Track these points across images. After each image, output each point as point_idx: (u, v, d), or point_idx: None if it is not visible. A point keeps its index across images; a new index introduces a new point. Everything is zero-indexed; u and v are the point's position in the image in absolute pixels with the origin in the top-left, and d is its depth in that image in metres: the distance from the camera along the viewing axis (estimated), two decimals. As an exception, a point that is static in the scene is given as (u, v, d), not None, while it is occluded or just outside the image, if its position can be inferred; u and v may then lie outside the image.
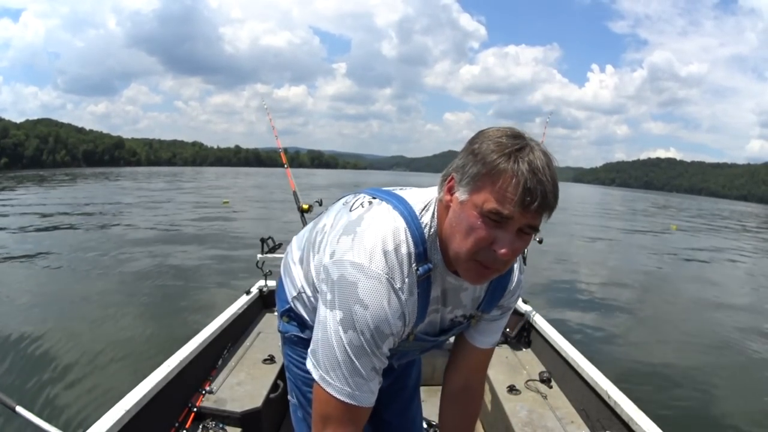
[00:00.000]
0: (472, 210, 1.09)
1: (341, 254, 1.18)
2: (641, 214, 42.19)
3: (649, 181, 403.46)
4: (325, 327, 1.17)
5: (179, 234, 15.54)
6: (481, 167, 1.06)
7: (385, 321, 1.15)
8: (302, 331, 1.53)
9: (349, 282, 1.14)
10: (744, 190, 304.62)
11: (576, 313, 8.60)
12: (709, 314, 9.37)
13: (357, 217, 1.26)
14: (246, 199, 33.77)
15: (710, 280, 13.43)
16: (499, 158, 1.05)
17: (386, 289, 1.15)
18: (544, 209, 1.07)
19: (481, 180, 1.07)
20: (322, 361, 1.17)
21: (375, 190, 1.40)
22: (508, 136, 1.08)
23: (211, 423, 2.83)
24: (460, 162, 1.13)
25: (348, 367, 1.16)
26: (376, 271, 1.14)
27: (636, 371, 5.90)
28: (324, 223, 1.43)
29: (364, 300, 1.13)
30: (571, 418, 2.87)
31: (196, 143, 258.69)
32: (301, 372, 1.53)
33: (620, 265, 14.57)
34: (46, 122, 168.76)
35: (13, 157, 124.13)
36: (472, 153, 1.10)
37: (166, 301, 8.15)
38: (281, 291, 1.61)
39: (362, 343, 1.15)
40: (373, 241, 1.17)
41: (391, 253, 1.17)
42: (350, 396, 1.17)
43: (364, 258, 1.15)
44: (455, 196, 1.13)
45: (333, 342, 1.15)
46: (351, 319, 1.14)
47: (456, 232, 1.14)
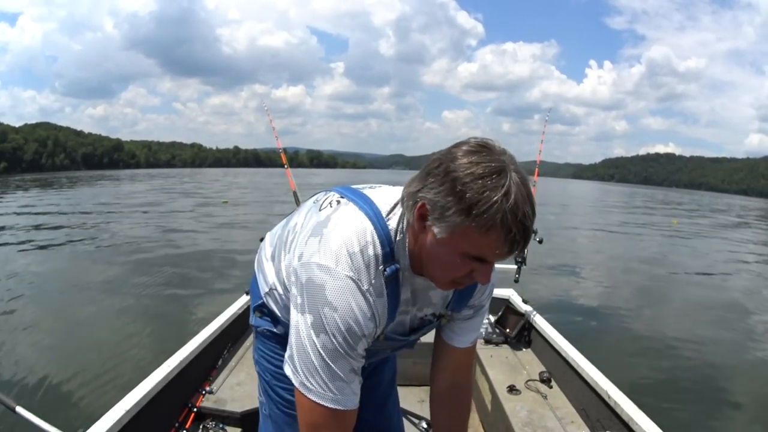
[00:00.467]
0: (452, 250, 1.08)
1: (308, 256, 1.18)
2: (640, 211, 42.04)
3: (649, 176, 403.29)
4: (298, 332, 1.17)
5: (179, 234, 15.58)
6: (466, 218, 1.01)
7: (356, 322, 1.15)
8: (275, 326, 1.51)
9: (317, 285, 1.14)
10: (743, 184, 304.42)
11: (576, 313, 8.60)
12: (711, 313, 9.35)
13: (324, 218, 1.26)
14: (245, 198, 33.81)
15: (712, 278, 13.42)
16: (486, 211, 0.99)
17: (353, 290, 1.14)
18: (526, 246, 1.07)
19: (466, 230, 1.03)
20: (300, 368, 1.17)
21: (344, 188, 1.39)
22: (487, 167, 1.01)
23: (211, 423, 2.84)
24: (434, 196, 1.05)
25: (326, 371, 1.15)
26: (342, 273, 1.14)
27: (636, 371, 5.90)
28: (295, 221, 1.42)
29: (333, 302, 1.13)
30: (571, 418, 2.88)
31: (195, 145, 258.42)
32: (272, 366, 1.52)
33: (620, 264, 14.56)
34: (44, 126, 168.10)
35: (13, 161, 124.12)
36: (452, 194, 1.02)
37: (166, 301, 8.18)
38: (254, 286, 1.60)
39: (336, 347, 1.14)
40: (339, 242, 1.17)
41: (357, 255, 1.16)
42: (333, 400, 1.17)
43: (331, 260, 1.15)
44: (431, 230, 1.09)
45: (307, 347, 1.15)
46: (321, 322, 1.13)
47: (431, 261, 1.15)
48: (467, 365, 1.63)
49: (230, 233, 16.02)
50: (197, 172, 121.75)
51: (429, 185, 1.07)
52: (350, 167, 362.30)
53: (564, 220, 25.69)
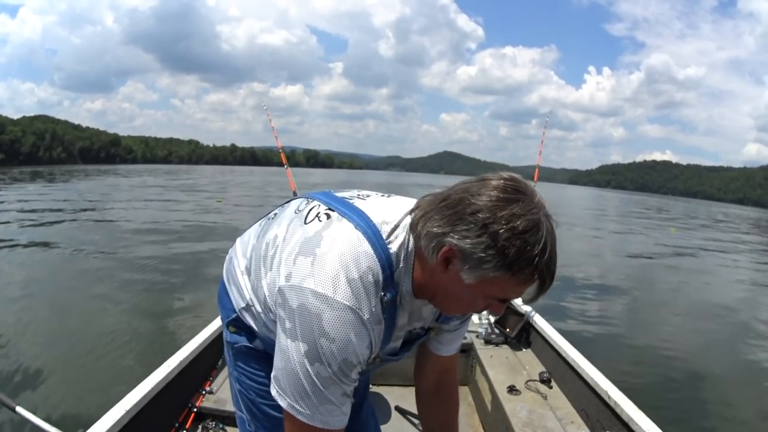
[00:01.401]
0: (477, 293, 1.08)
1: (300, 280, 1.10)
2: (638, 219, 42.10)
3: (645, 183, 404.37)
4: (287, 357, 1.10)
5: (178, 234, 15.50)
6: (505, 273, 1.01)
7: (353, 353, 1.09)
8: (251, 341, 1.45)
9: (312, 313, 1.06)
10: (740, 193, 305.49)
11: (576, 313, 8.63)
12: (710, 315, 9.41)
13: (314, 234, 1.16)
14: (244, 198, 33.73)
15: (710, 282, 13.53)
16: (526, 267, 1.00)
17: (353, 320, 1.07)
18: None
19: (500, 281, 1.03)
20: (289, 391, 1.12)
21: (330, 198, 1.30)
22: (527, 220, 0.99)
23: (211, 423, 2.85)
24: (469, 246, 1.01)
25: (317, 396, 1.10)
26: (341, 302, 1.06)
27: (636, 371, 5.92)
28: (275, 233, 1.29)
29: (330, 333, 1.06)
30: (571, 418, 2.88)
31: (192, 141, 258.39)
32: (255, 384, 1.45)
33: (620, 267, 14.64)
34: (42, 119, 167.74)
35: (10, 154, 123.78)
36: (492, 249, 0.99)
37: (167, 301, 8.13)
38: (225, 298, 1.51)
39: (330, 375, 1.09)
40: (337, 267, 1.09)
41: (357, 282, 1.08)
42: (323, 422, 1.13)
43: (328, 287, 1.07)
44: (458, 275, 1.06)
45: (299, 373, 1.09)
46: (316, 351, 1.07)
47: (449, 298, 1.15)
48: (452, 369, 1.63)
49: (230, 233, 15.96)
50: (194, 169, 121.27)
51: (461, 232, 1.02)
52: (347, 167, 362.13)
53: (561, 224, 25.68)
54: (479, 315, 4.17)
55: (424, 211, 1.11)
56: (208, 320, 3.49)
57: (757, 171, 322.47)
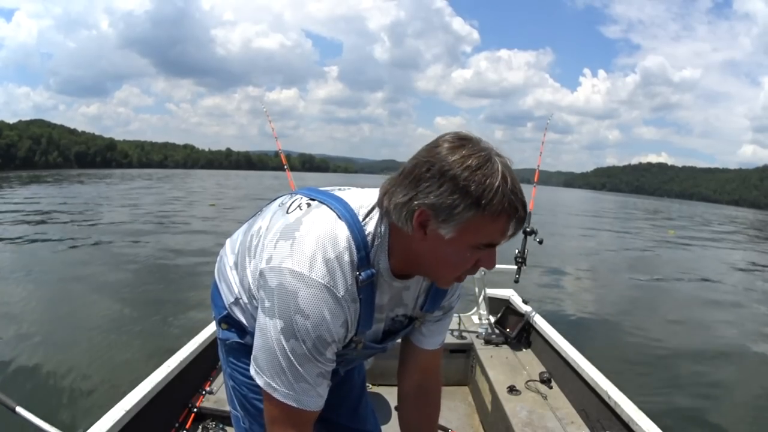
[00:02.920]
0: (462, 246, 1.10)
1: (279, 260, 1.15)
2: (636, 222, 42.22)
3: (640, 185, 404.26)
4: (265, 334, 1.16)
5: (178, 234, 15.59)
6: (477, 210, 1.03)
7: (327, 330, 1.14)
8: (242, 338, 1.47)
9: (289, 291, 1.11)
10: (735, 194, 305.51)
11: (576, 313, 8.65)
12: (710, 315, 9.44)
13: (295, 220, 1.21)
14: (243, 200, 33.73)
15: (710, 282, 13.54)
16: (494, 197, 1.03)
17: (328, 297, 1.12)
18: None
19: (476, 222, 1.05)
20: (266, 368, 1.17)
21: (312, 190, 1.35)
22: (478, 157, 1.04)
23: (211, 423, 2.85)
24: (435, 199, 1.05)
25: (293, 373, 1.15)
26: (316, 280, 1.11)
27: (636, 372, 5.93)
28: (259, 225, 1.37)
29: (305, 310, 1.11)
30: (572, 418, 2.89)
31: (187, 146, 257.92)
32: (247, 379, 1.44)
33: (620, 267, 14.71)
34: (38, 123, 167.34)
35: (6, 158, 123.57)
36: (456, 191, 1.03)
37: (167, 301, 8.14)
38: (217, 297, 1.54)
39: (305, 351, 1.14)
40: (314, 247, 1.13)
41: (333, 261, 1.13)
42: (296, 400, 1.17)
43: (305, 266, 1.12)
44: (437, 233, 1.09)
45: (275, 350, 1.14)
46: (292, 328, 1.12)
47: (438, 264, 1.16)
48: (435, 367, 1.64)
49: (229, 233, 15.92)
50: (189, 174, 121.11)
51: (424, 191, 1.06)
52: (342, 171, 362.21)
53: (558, 226, 25.69)
54: (479, 315, 4.20)
55: (386, 189, 1.15)
56: (207, 320, 3.49)
57: (753, 172, 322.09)
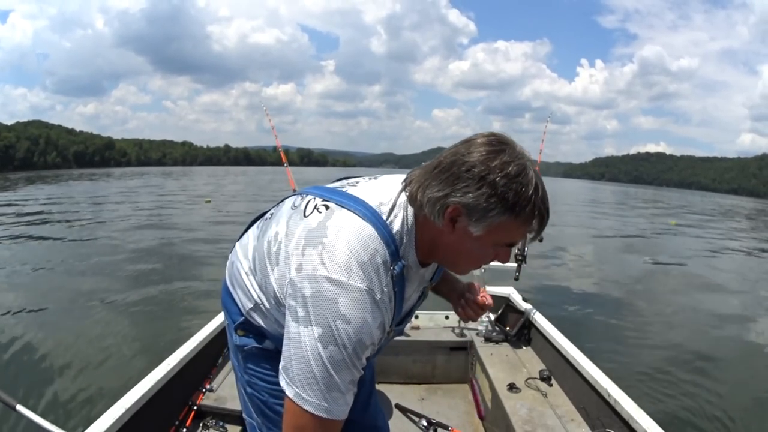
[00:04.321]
0: (486, 243, 1.19)
1: (312, 269, 1.14)
2: (636, 211, 42.16)
3: (639, 175, 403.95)
4: (299, 344, 1.14)
5: (178, 233, 15.52)
6: (510, 215, 1.11)
7: (368, 333, 1.14)
8: (261, 342, 1.46)
9: (328, 298, 1.11)
10: (734, 183, 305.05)
11: (576, 310, 8.64)
12: (710, 311, 9.37)
13: (318, 225, 1.21)
14: (242, 198, 33.70)
15: (710, 276, 13.45)
16: (527, 206, 1.11)
17: (367, 301, 1.13)
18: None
19: (506, 225, 1.13)
20: (298, 378, 1.14)
21: (321, 189, 1.36)
22: (516, 165, 1.10)
23: (211, 421, 2.86)
24: (472, 200, 1.11)
25: (326, 382, 1.13)
26: (355, 285, 1.12)
27: (636, 369, 5.92)
28: (275, 231, 1.33)
29: (346, 315, 1.11)
30: (571, 416, 2.90)
31: (185, 143, 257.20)
32: (268, 384, 1.47)
33: (619, 262, 14.61)
34: (36, 124, 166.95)
35: (5, 160, 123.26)
36: (494, 196, 1.09)
37: (167, 299, 8.16)
38: (230, 303, 1.51)
39: (343, 357, 1.12)
40: (346, 252, 1.14)
41: (367, 264, 1.14)
42: (327, 411, 1.14)
43: (341, 272, 1.12)
44: (466, 229, 1.16)
45: (310, 358, 1.12)
46: (332, 334, 1.11)
47: (461, 256, 1.25)
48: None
49: (229, 233, 15.91)
50: (188, 171, 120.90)
51: (461, 189, 1.12)
52: (340, 165, 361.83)
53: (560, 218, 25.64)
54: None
55: (419, 182, 1.19)
56: (208, 318, 3.51)
57: (752, 161, 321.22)
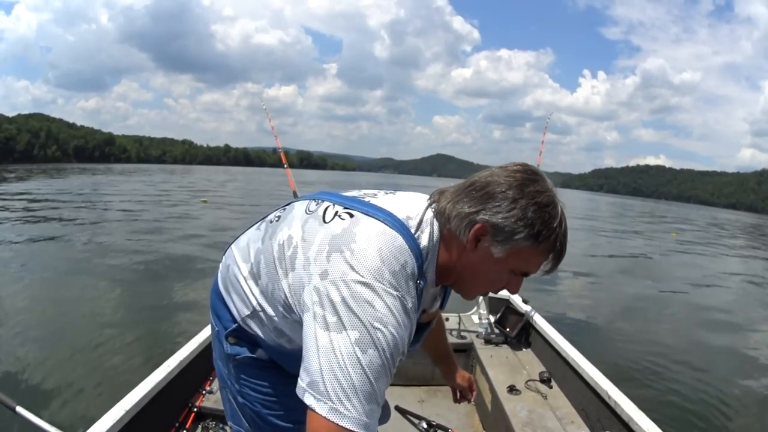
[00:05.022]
0: (504, 267, 1.20)
1: (342, 273, 1.10)
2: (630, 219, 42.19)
3: (638, 187, 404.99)
4: (331, 352, 1.04)
5: (178, 234, 15.49)
6: (533, 243, 1.14)
7: (402, 340, 1.09)
8: (254, 352, 1.41)
9: (363, 301, 1.07)
10: (733, 198, 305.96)
11: (576, 313, 8.65)
12: (710, 315, 9.44)
13: (343, 231, 1.17)
14: (242, 198, 33.67)
15: (710, 282, 13.61)
16: (550, 237, 1.15)
17: (400, 308, 1.09)
18: None
19: (527, 252, 1.16)
20: (333, 391, 1.02)
21: (341, 197, 1.32)
22: (546, 197, 1.15)
23: (211, 423, 2.86)
24: (501, 221, 1.14)
25: (365, 392, 1.03)
26: (389, 290, 1.09)
27: (636, 371, 5.94)
28: (288, 234, 1.28)
29: (383, 318, 1.06)
30: (571, 418, 2.90)
31: (186, 141, 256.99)
32: (260, 395, 1.43)
33: (620, 267, 14.71)
34: (37, 117, 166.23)
35: (5, 152, 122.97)
36: (522, 221, 1.12)
37: (167, 301, 8.14)
38: (222, 309, 1.46)
39: (383, 362, 1.05)
40: (378, 260, 1.11)
41: (398, 273, 1.12)
42: (365, 426, 1.03)
43: (374, 277, 1.09)
44: (488, 250, 1.17)
45: (347, 365, 1.03)
46: (370, 337, 1.05)
47: (477, 276, 1.24)
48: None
49: (228, 234, 15.90)
50: (188, 170, 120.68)
51: (492, 209, 1.14)
52: (339, 169, 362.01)
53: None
54: (479, 315, 4.21)
55: (451, 196, 1.21)
56: (208, 320, 3.50)
57: (751, 176, 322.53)
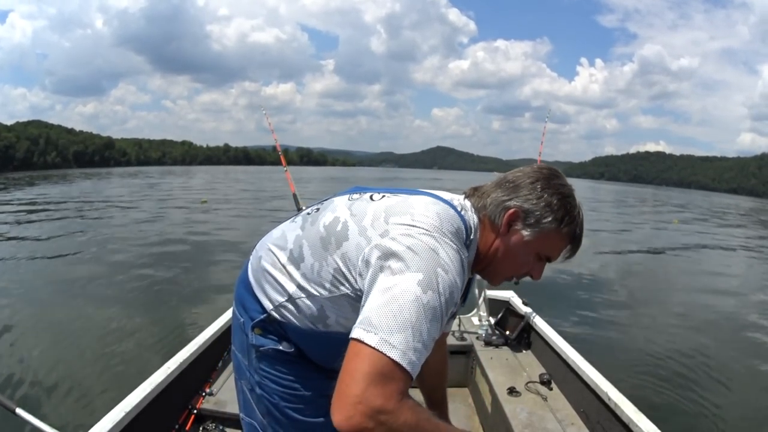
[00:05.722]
0: (531, 249, 1.35)
1: (405, 229, 1.19)
2: (632, 207, 42.09)
3: (638, 174, 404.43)
4: (392, 291, 1.08)
5: (178, 235, 15.51)
6: (558, 226, 1.31)
7: (458, 289, 1.16)
8: (279, 343, 1.41)
9: (428, 248, 1.14)
10: (734, 183, 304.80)
11: (576, 314, 8.59)
12: (712, 315, 9.34)
13: (397, 203, 1.29)
14: (241, 199, 33.68)
15: (712, 278, 13.44)
16: (572, 222, 1.33)
17: (459, 260, 1.19)
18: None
19: (552, 235, 1.33)
20: (386, 324, 1.03)
21: (380, 188, 1.41)
22: (569, 190, 1.35)
23: (211, 425, 2.87)
24: (531, 206, 1.31)
25: (416, 329, 1.04)
26: (450, 244, 1.19)
27: (637, 373, 5.91)
28: (334, 216, 1.34)
29: (446, 265, 1.13)
30: (572, 420, 2.90)
31: (185, 142, 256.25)
32: (280, 387, 1.44)
33: (619, 265, 14.56)
34: (36, 124, 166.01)
35: (5, 160, 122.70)
36: (549, 206, 1.31)
37: (167, 303, 8.15)
38: (249, 300, 1.46)
39: (439, 305, 1.09)
40: (437, 220, 1.22)
41: (455, 234, 1.24)
42: (410, 363, 1.03)
43: (436, 231, 1.19)
44: (519, 233, 1.33)
45: (405, 303, 1.06)
46: (433, 280, 1.09)
47: (506, 258, 1.37)
48: (443, 342, 1.91)
49: (228, 234, 15.96)
50: (188, 170, 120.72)
51: (523, 196, 1.33)
52: (340, 165, 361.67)
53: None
54: (479, 317, 4.21)
55: (486, 190, 1.40)
56: (208, 322, 3.51)
57: (751, 160, 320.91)
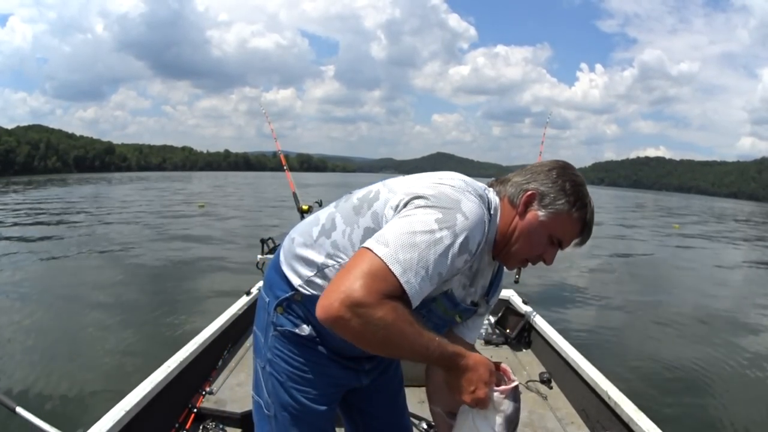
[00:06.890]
0: (545, 230, 1.39)
1: (431, 184, 1.30)
2: (631, 211, 42.12)
3: (638, 180, 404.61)
4: (408, 218, 1.19)
5: (178, 236, 15.58)
6: (571, 208, 1.37)
7: (474, 237, 1.24)
8: (297, 326, 1.45)
9: (452, 197, 1.25)
10: (734, 187, 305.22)
11: (576, 313, 8.61)
12: (711, 314, 9.33)
13: (428, 175, 1.39)
14: (240, 201, 33.69)
15: (711, 279, 13.51)
16: (583, 207, 1.39)
17: (482, 213, 1.27)
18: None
19: (564, 217, 1.37)
20: (399, 243, 1.12)
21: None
22: (581, 179, 1.42)
23: (211, 424, 2.86)
24: (547, 189, 1.38)
25: (425, 259, 1.12)
26: (475, 198, 1.28)
27: (636, 372, 5.89)
28: (368, 189, 1.44)
29: (467, 212, 1.23)
30: (572, 418, 2.90)
31: (185, 148, 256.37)
32: (290, 367, 1.47)
33: (620, 265, 14.62)
34: (36, 128, 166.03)
35: (5, 164, 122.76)
36: (563, 190, 1.37)
37: (167, 302, 8.13)
38: (278, 279, 1.49)
39: (451, 243, 1.17)
40: (465, 183, 1.33)
41: (480, 197, 1.32)
42: (409, 285, 1.10)
43: (462, 187, 1.30)
44: (535, 213, 1.38)
45: (419, 232, 1.14)
46: (450, 220, 1.19)
47: (523, 238, 1.40)
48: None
49: (228, 235, 15.99)
50: (188, 176, 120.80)
51: (540, 180, 1.40)
52: (340, 171, 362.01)
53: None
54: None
55: (509, 177, 1.47)
56: (207, 321, 3.51)
57: (751, 164, 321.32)
